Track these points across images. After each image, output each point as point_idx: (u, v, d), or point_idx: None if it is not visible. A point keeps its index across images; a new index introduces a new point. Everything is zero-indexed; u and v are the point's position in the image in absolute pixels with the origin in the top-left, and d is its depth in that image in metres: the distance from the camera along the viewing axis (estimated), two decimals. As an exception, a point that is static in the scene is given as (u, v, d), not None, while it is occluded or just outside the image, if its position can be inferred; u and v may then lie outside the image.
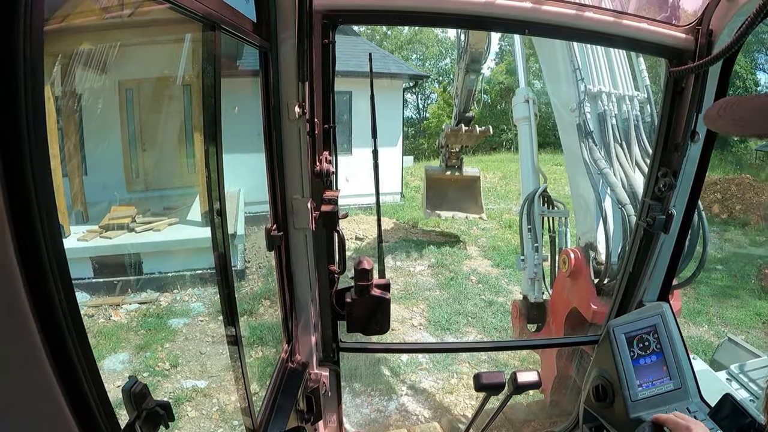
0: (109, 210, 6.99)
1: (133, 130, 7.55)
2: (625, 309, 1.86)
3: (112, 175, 7.25)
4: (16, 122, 0.40)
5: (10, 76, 0.39)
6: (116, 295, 6.10)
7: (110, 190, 7.08)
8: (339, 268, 1.59)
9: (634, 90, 3.25)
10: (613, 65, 3.29)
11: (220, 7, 0.93)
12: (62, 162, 6.29)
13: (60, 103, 6.21)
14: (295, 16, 1.21)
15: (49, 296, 0.45)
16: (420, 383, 4.73)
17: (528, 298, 3.53)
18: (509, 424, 3.21)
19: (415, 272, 7.72)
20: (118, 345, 5.02)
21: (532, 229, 3.47)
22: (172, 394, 4.32)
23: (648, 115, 3.20)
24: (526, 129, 3.88)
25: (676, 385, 1.54)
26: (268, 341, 5.17)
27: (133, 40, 6.09)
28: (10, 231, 0.40)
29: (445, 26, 1.48)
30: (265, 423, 1.32)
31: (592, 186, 2.94)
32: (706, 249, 1.86)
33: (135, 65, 6.83)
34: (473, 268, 7.74)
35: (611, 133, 3.03)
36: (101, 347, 4.93)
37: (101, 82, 6.67)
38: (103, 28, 5.72)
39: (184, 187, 8.04)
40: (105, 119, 7.15)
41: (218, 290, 1.15)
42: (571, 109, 3.14)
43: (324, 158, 1.43)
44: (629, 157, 3.02)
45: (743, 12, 1.29)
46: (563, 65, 3.26)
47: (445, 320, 6.14)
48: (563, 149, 3.42)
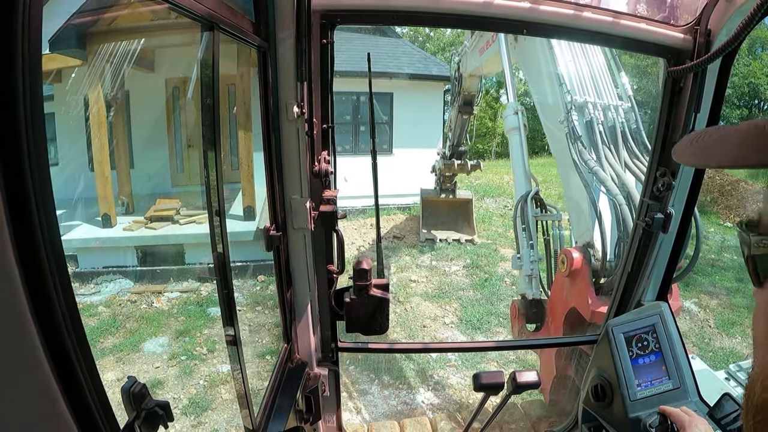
0: (155, 202, 7.35)
1: (179, 126, 7.83)
2: (624, 309, 1.86)
3: (158, 169, 7.57)
4: (14, 122, 0.40)
5: (8, 76, 0.39)
6: (158, 283, 6.45)
7: (156, 183, 7.40)
8: (338, 268, 1.58)
9: (618, 100, 3.37)
10: (597, 78, 3.42)
11: (219, 7, 0.93)
12: (111, 155, 6.76)
13: (109, 99, 6.65)
14: (294, 16, 1.21)
15: (48, 296, 0.45)
16: (447, 379, 4.85)
17: (526, 297, 3.55)
18: (527, 418, 3.24)
19: (450, 272, 7.82)
20: (159, 330, 5.34)
21: (527, 228, 3.52)
22: (208, 377, 4.60)
23: (634, 122, 3.30)
24: (516, 139, 4.07)
25: (675, 384, 1.55)
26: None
27: (179, 40, 6.46)
28: (9, 231, 0.40)
29: (445, 26, 1.48)
30: (264, 423, 1.32)
31: (584, 185, 3.00)
32: (700, 241, 1.91)
33: (181, 64, 7.17)
34: (508, 270, 7.80)
35: (599, 138, 3.13)
36: (142, 331, 5.29)
37: (148, 80, 6.94)
38: (141, 30, 5.98)
39: (228, 182, 8.30)
40: (153, 115, 7.38)
41: (217, 290, 1.15)
42: (560, 121, 3.24)
43: (323, 158, 1.43)
44: (618, 158, 3.10)
45: (741, 11, 1.29)
46: (548, 81, 3.40)
47: (477, 320, 6.22)
48: (555, 158, 3.54)
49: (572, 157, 3.08)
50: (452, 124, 7.81)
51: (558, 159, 3.45)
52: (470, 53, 5.99)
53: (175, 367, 4.78)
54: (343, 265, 1.57)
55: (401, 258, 8.34)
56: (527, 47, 3.74)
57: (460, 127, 7.70)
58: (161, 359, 4.86)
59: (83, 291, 6.44)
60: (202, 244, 6.50)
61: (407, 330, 6.04)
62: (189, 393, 4.43)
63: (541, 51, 3.46)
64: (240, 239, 6.62)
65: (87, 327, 4.93)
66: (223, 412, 4.19)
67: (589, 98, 3.26)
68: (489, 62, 5.35)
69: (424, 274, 7.73)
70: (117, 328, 5.46)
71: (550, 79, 3.38)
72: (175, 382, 4.56)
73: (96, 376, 0.51)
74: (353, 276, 1.45)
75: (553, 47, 3.37)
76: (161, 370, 4.73)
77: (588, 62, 3.46)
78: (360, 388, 4.72)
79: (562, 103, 3.25)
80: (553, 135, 3.42)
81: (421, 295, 6.97)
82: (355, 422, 4.12)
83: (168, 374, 4.64)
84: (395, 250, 8.67)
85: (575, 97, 3.22)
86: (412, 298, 6.85)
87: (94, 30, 6.23)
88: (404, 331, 6.03)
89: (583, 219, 3.11)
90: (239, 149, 7.39)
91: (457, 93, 7.04)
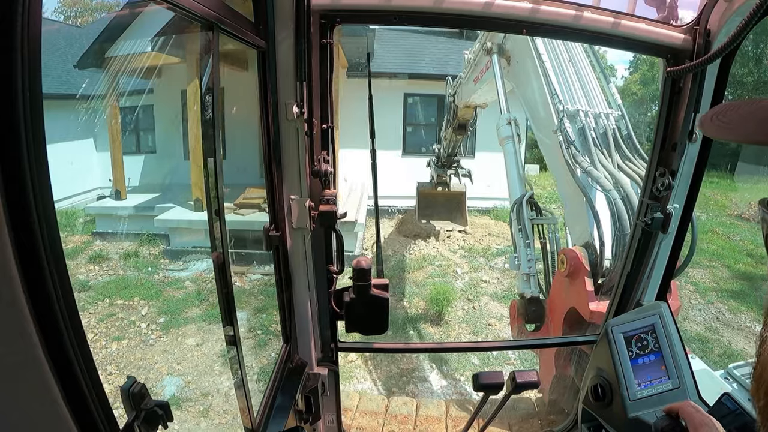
0: (244, 191, 8.21)
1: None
2: (624, 309, 1.86)
3: (249, 160, 8.04)
4: (14, 122, 0.40)
5: (8, 76, 0.39)
6: (242, 265, 7.08)
7: (247, 173, 7.91)
8: (337, 268, 1.58)
9: (608, 108, 3.48)
10: (587, 89, 3.55)
11: (218, 7, 0.93)
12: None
13: (205, 94, 6.93)
14: (293, 16, 1.21)
15: (48, 297, 0.45)
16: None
17: (525, 295, 3.55)
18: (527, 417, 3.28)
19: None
20: (239, 305, 5.88)
21: (523, 228, 3.55)
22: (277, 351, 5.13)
23: (624, 129, 3.38)
24: (510, 147, 4.19)
25: (675, 384, 1.55)
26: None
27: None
28: (8, 231, 0.40)
29: (445, 27, 1.48)
30: (263, 423, 1.32)
31: (579, 186, 3.03)
32: (695, 239, 1.93)
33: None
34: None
35: (591, 143, 3.21)
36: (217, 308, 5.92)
37: (242, 78, 7.20)
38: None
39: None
40: (244, 110, 7.83)
41: (217, 290, 1.15)
42: (553, 130, 3.31)
43: (322, 158, 1.43)
44: (611, 161, 3.17)
45: (741, 12, 1.29)
46: (540, 96, 3.52)
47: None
48: (548, 164, 3.70)
49: (566, 159, 3.13)
50: (445, 141, 8.08)
51: (552, 167, 3.54)
52: (465, 84, 6.09)
53: (251, 339, 5.32)
54: (343, 264, 1.57)
55: (476, 259, 8.52)
56: (520, 70, 3.96)
57: (453, 143, 7.99)
58: (257, 328, 5.57)
59: (172, 267, 7.35)
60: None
61: (472, 327, 6.23)
62: (261, 363, 5.05)
63: (533, 71, 3.60)
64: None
65: (173, 298, 5.65)
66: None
67: (580, 106, 3.36)
68: (484, 92, 5.54)
69: (495, 275, 7.90)
70: (200, 301, 6.14)
71: (542, 93, 3.49)
72: (249, 352, 5.13)
73: (96, 376, 0.51)
74: (353, 276, 1.44)
75: (544, 61, 3.49)
76: (255, 337, 5.44)
77: (577, 74, 3.61)
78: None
79: (554, 112, 3.34)
80: (546, 146, 3.54)
81: (491, 295, 7.13)
82: (374, 393, 4.21)
83: (244, 345, 5.09)
84: (471, 251, 8.89)
85: (567, 106, 3.31)
86: (481, 298, 7.01)
87: (192, 29, 6.76)
88: (469, 327, 6.22)
89: (581, 220, 3.13)
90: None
91: (452, 118, 7.26)
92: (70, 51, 9.62)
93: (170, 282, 6.83)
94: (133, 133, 10.93)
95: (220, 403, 4.30)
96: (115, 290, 6.34)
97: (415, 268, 8.05)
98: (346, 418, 3.25)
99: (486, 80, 5.06)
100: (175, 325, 5.58)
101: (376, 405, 3.38)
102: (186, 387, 4.56)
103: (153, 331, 5.50)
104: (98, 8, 16.16)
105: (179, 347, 5.20)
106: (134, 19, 8.32)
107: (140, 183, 10.24)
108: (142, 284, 6.61)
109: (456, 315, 6.44)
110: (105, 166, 9.43)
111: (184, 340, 5.31)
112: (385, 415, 3.28)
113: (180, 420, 4.08)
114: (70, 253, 7.42)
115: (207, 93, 1.02)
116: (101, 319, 5.66)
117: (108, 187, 9.58)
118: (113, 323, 5.64)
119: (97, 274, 6.94)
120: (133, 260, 7.44)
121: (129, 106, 9.94)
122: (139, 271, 7.10)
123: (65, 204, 9.23)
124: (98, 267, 7.17)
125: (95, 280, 6.74)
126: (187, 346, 5.22)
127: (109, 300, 6.10)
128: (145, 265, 7.32)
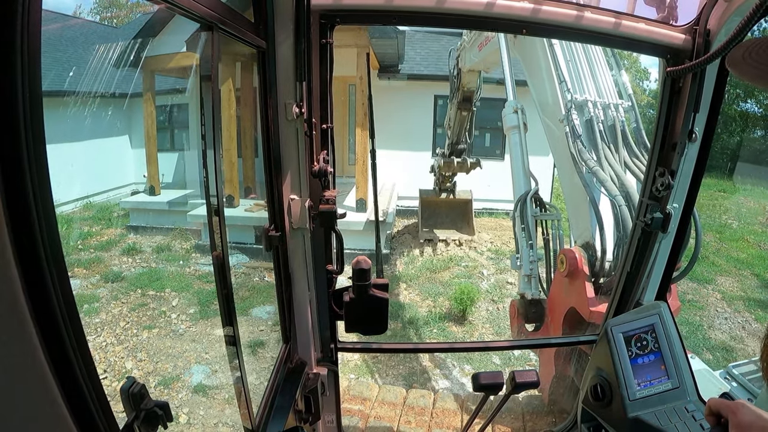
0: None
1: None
2: (623, 308, 1.86)
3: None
4: (13, 122, 0.40)
5: (7, 75, 0.39)
6: (271, 261, 7.22)
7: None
8: (337, 268, 1.58)
9: (618, 98, 3.34)
10: (597, 77, 3.39)
11: (218, 7, 0.93)
12: (238, 144, 7.71)
13: (238, 94, 7.50)
14: (293, 16, 1.21)
15: (48, 297, 0.44)
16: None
17: (525, 296, 3.54)
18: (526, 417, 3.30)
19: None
20: (267, 299, 6.11)
21: (526, 228, 3.51)
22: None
23: (634, 121, 3.29)
24: (516, 137, 4.01)
25: (675, 384, 1.55)
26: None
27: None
28: (8, 232, 0.40)
29: (445, 26, 1.48)
30: (263, 423, 1.32)
31: (583, 185, 2.98)
32: (699, 242, 1.92)
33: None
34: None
35: (599, 137, 3.11)
36: (252, 299, 6.21)
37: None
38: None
39: (344, 176, 10.12)
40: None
41: (217, 290, 1.15)
42: (560, 119, 3.21)
43: (322, 158, 1.43)
44: (618, 157, 3.08)
45: (740, 11, 1.29)
46: (548, 79, 3.36)
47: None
48: (553, 157, 3.53)
49: (572, 156, 3.06)
50: (451, 122, 7.59)
51: (557, 158, 3.43)
52: (469, 48, 5.89)
53: (277, 332, 5.37)
54: (342, 265, 1.57)
55: (502, 261, 8.48)
56: (527, 44, 3.70)
57: (459, 124, 7.48)
58: (266, 324, 5.71)
59: (203, 261, 7.42)
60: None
61: (495, 327, 6.24)
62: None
63: (541, 48, 3.43)
64: (352, 228, 7.56)
65: (203, 290, 5.68)
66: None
67: (589, 96, 3.23)
68: (489, 57, 5.27)
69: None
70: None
71: (550, 76, 3.34)
72: (275, 344, 5.07)
73: (95, 376, 0.51)
74: (353, 276, 1.44)
75: (553, 44, 3.36)
76: (264, 333, 5.57)
77: (588, 60, 3.43)
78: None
79: (561, 101, 3.23)
80: (552, 134, 3.39)
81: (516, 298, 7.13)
82: (369, 382, 4.25)
83: (270, 337, 5.38)
84: (498, 253, 8.84)
85: (575, 96, 3.20)
86: (506, 299, 6.96)
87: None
88: (492, 327, 6.23)
89: (583, 219, 3.11)
90: (356, 146, 8.50)
91: (455, 89, 6.87)
92: (106, 50, 9.91)
93: (201, 276, 6.93)
94: (167, 131, 11.14)
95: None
96: (147, 282, 6.49)
97: (442, 269, 8.01)
98: (365, 408, 3.29)
99: (490, 50, 4.90)
100: (205, 316, 5.73)
101: (395, 396, 3.45)
102: (210, 376, 4.66)
103: (183, 321, 5.67)
104: (133, 8, 16.69)
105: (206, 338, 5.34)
106: (171, 19, 8.44)
107: (173, 179, 10.41)
108: (173, 277, 6.74)
109: (480, 315, 6.44)
110: (140, 162, 9.61)
111: (213, 330, 5.44)
112: (403, 406, 3.34)
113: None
114: (104, 245, 7.65)
115: (206, 93, 1.01)
116: (133, 309, 5.81)
117: (142, 183, 9.69)
118: (144, 312, 5.80)
119: (130, 266, 7.15)
120: (166, 253, 7.63)
121: (164, 105, 10.13)
122: (170, 264, 7.28)
123: (101, 198, 9.50)
124: (131, 259, 7.40)
125: (128, 271, 6.91)
126: (216, 336, 5.31)
127: (141, 291, 6.26)
128: (177, 259, 7.48)
